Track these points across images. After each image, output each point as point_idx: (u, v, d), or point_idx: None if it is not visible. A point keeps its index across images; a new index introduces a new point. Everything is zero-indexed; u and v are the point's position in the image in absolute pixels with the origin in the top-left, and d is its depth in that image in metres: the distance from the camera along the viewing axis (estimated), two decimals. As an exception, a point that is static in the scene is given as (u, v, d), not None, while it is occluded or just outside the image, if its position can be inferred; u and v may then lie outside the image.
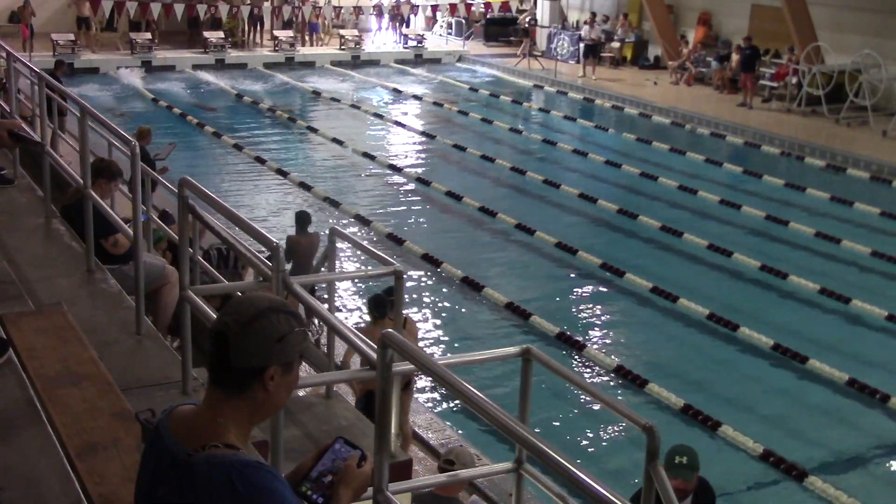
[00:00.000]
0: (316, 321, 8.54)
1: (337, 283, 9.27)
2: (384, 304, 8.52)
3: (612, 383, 11.09)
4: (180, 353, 5.74)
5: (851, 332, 12.82)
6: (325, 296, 7.16)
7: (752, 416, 10.59)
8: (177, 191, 5.14)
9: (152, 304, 7.37)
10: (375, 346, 3.60)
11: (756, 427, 10.16)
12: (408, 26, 36.97)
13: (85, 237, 7.26)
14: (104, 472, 4.30)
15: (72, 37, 29.78)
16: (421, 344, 11.94)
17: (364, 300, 13.09)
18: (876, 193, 19.17)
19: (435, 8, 37.00)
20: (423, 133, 23.38)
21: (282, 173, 19.15)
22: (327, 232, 6.83)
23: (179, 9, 30.68)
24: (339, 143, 22.05)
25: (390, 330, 3.55)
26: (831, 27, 26.25)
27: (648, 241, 16.11)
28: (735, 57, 27.50)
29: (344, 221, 16.19)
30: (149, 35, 31.17)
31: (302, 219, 12.02)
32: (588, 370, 11.41)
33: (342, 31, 34.54)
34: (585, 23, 31.97)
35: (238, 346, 2.52)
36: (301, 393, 6.21)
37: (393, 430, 5.32)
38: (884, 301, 13.39)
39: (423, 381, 10.60)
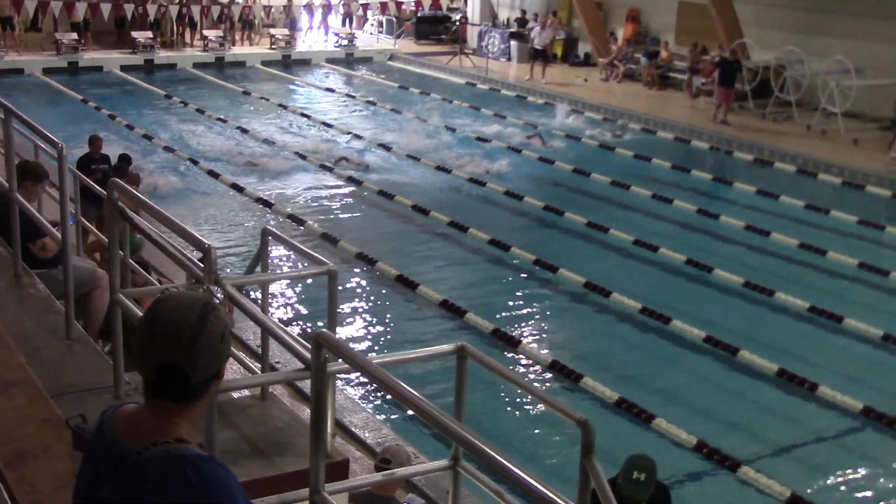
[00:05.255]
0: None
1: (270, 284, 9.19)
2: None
3: (547, 379, 11.16)
4: (112, 357, 5.66)
5: (781, 325, 13.02)
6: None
7: (686, 408, 10.72)
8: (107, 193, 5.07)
9: (82, 308, 7.26)
10: (310, 347, 3.59)
11: (689, 419, 10.28)
12: (351, 24, 36.81)
13: (11, 241, 7.13)
14: (34, 480, 4.24)
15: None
16: (356, 343, 11.92)
17: (297, 301, 13.08)
18: (802, 186, 19.55)
19: (366, 7, 36.93)
20: (351, 133, 23.30)
21: (213, 175, 18.98)
22: (260, 232, 6.78)
23: (106, 8, 30.21)
24: (270, 143, 21.92)
25: (325, 330, 3.54)
26: (756, 24, 26.71)
27: (582, 238, 16.24)
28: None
29: (277, 221, 16.09)
30: (75, 35, 30.65)
31: (123, 159, 15.03)
32: (523, 366, 11.47)
33: (273, 31, 34.32)
34: (520, 23, 32.10)
35: (194, 368, 2.50)
36: (235, 395, 6.16)
37: (329, 431, 5.30)
38: (810, 292, 13.66)
39: (358, 381, 10.58)
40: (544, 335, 12.74)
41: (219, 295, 4.51)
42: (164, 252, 5.10)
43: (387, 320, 12.85)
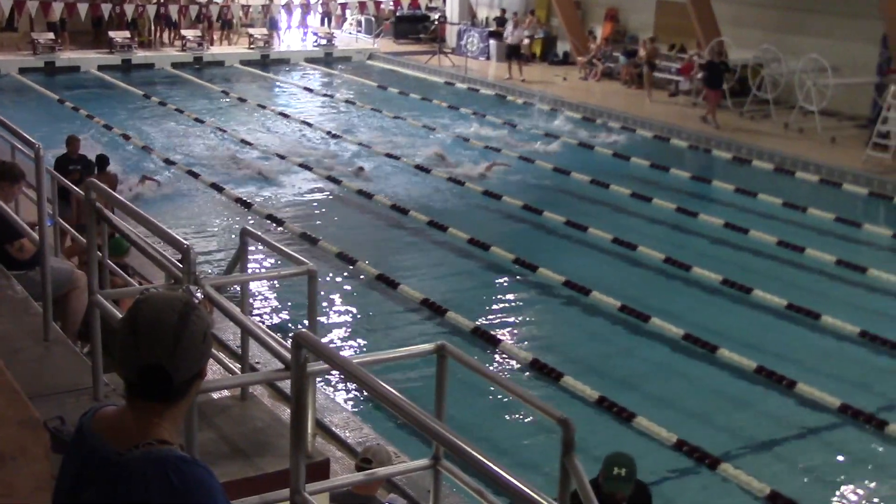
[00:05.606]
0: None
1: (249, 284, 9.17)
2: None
3: (527, 377, 11.17)
4: (90, 358, 5.64)
5: (760, 322, 13.06)
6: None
7: (666, 406, 10.75)
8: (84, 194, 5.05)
9: (60, 309, 7.22)
10: (290, 347, 3.58)
11: (669, 417, 10.31)
12: (330, 24, 36.71)
13: (-12, 243, 7.09)
14: (12, 483, 4.21)
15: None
16: (337, 343, 11.91)
17: (277, 301, 13.05)
18: (780, 184, 19.65)
19: (344, 6, 36.87)
20: (330, 133, 23.27)
21: (192, 175, 18.91)
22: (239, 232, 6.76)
23: (83, 8, 30.03)
24: (249, 143, 21.86)
25: (304, 330, 3.54)
26: (733, 22, 26.84)
27: (561, 236, 16.27)
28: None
29: (256, 221, 16.05)
30: (52, 35, 30.46)
31: (100, 159, 14.51)
32: (504, 364, 11.48)
33: (251, 30, 34.22)
34: (499, 22, 32.11)
35: (177, 368, 2.50)
36: (215, 395, 6.15)
37: (309, 431, 5.29)
38: (788, 289, 13.72)
39: (339, 380, 10.57)
40: (524, 334, 12.74)
41: (198, 295, 4.50)
42: (142, 253, 5.08)
43: (367, 320, 12.84)
